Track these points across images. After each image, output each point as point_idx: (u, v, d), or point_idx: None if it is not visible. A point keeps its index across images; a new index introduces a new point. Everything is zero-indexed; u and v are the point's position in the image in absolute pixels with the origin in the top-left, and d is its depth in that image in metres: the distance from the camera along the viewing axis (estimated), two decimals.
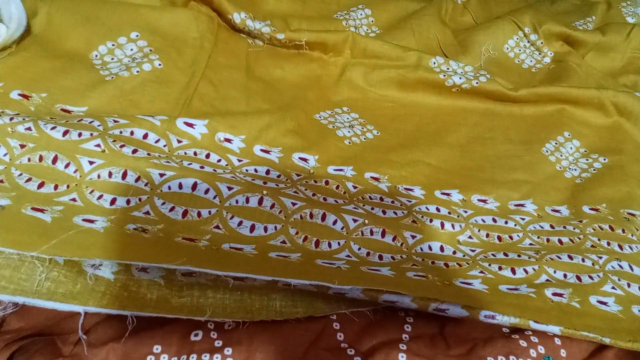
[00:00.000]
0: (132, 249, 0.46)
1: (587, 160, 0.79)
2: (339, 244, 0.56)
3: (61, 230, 0.46)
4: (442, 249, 0.59)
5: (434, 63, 0.86)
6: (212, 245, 0.50)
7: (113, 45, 0.72)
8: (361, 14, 0.99)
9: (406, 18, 1.00)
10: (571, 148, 0.80)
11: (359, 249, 0.56)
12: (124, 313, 0.45)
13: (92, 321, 0.46)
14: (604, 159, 0.78)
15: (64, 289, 0.45)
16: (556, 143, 0.79)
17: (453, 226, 0.62)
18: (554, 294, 0.53)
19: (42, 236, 0.45)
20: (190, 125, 0.62)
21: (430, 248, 0.59)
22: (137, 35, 0.74)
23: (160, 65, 0.71)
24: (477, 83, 0.84)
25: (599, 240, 0.63)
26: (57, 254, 0.43)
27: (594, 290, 0.55)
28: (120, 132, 0.57)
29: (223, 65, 0.78)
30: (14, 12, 0.65)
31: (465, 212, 0.65)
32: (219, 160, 0.61)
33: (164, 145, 0.59)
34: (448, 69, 0.86)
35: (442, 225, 0.61)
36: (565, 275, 0.56)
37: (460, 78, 0.84)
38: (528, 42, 0.99)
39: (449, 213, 0.64)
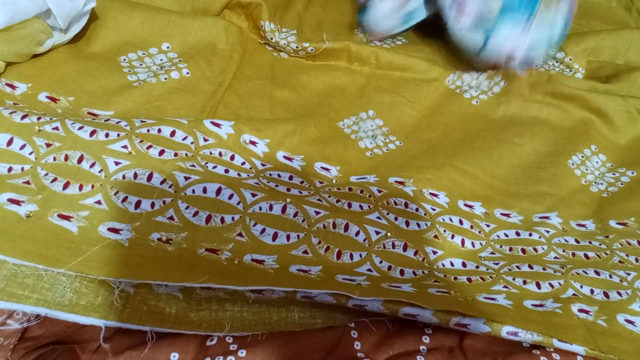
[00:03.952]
0: (156, 267, 0.47)
1: (613, 174, 0.77)
2: (360, 255, 0.56)
3: (87, 243, 0.47)
4: (464, 264, 0.59)
5: (449, 81, 0.87)
6: (234, 259, 0.51)
7: (144, 54, 0.74)
8: None
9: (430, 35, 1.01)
10: (597, 162, 0.79)
11: (381, 262, 0.56)
12: (144, 329, 0.45)
13: (110, 329, 0.46)
14: (632, 172, 0.77)
15: (85, 301, 0.45)
16: (582, 156, 0.78)
17: (473, 244, 0.61)
18: (580, 310, 0.51)
19: (68, 250, 0.46)
20: (217, 125, 0.62)
21: (452, 264, 0.58)
22: (168, 47, 0.76)
23: (188, 73, 0.72)
24: (492, 94, 0.85)
25: (627, 256, 0.62)
26: (83, 272, 0.44)
27: (622, 308, 0.53)
28: (148, 131, 0.57)
29: (249, 77, 0.79)
30: (73, 19, 0.67)
31: (488, 226, 0.65)
32: (243, 163, 0.61)
33: (191, 143, 0.59)
34: (463, 83, 0.87)
35: (463, 242, 0.61)
36: (592, 291, 0.55)
37: (475, 91, 0.84)
38: (557, 61, 0.98)
39: (471, 227, 0.63)
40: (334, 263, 0.54)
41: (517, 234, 0.64)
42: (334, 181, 0.65)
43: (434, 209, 0.64)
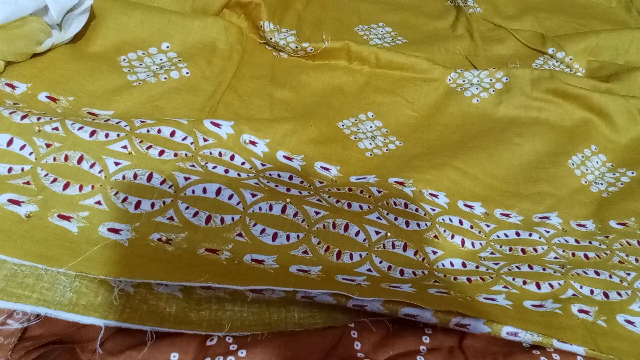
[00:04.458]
0: (156, 267, 0.47)
1: (613, 174, 0.77)
2: (360, 255, 0.56)
3: (87, 243, 0.47)
4: (464, 264, 0.59)
5: (450, 79, 0.87)
6: (234, 259, 0.51)
7: (143, 54, 0.74)
8: (382, 31, 1.00)
9: (430, 36, 1.01)
10: (597, 162, 0.79)
11: (380, 262, 0.56)
12: (144, 328, 0.45)
13: (110, 329, 0.46)
14: (632, 173, 0.77)
15: (85, 301, 0.45)
16: (582, 156, 0.78)
17: (473, 244, 0.61)
18: (580, 311, 0.51)
19: (68, 250, 0.46)
20: (217, 125, 0.62)
21: (452, 264, 0.58)
22: (167, 47, 0.76)
23: (187, 73, 0.72)
24: (493, 91, 0.85)
25: (627, 256, 0.62)
26: (83, 271, 0.44)
27: (622, 309, 0.53)
28: (148, 131, 0.57)
29: (249, 76, 0.79)
30: (73, 18, 0.67)
31: (488, 226, 0.65)
32: (243, 163, 0.61)
33: (191, 143, 0.59)
34: (464, 81, 0.87)
35: (463, 242, 0.61)
36: (592, 291, 0.55)
37: (477, 88, 0.84)
38: (557, 61, 0.98)
39: (471, 227, 0.63)
40: (334, 263, 0.54)
41: (517, 234, 0.64)
42: (334, 181, 0.65)
43: (433, 209, 0.64)
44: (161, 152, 0.56)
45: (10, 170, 0.50)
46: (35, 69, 0.63)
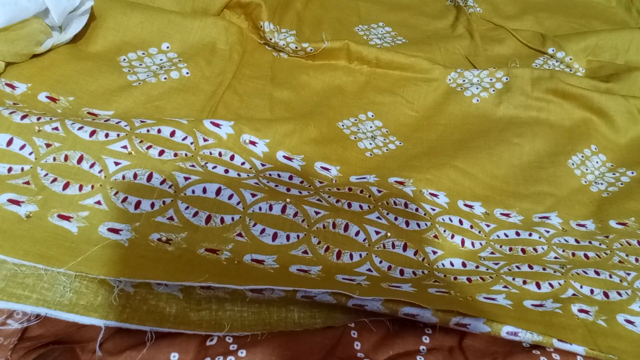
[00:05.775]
0: (156, 267, 0.47)
1: (613, 174, 0.77)
2: (360, 255, 0.56)
3: (87, 243, 0.47)
4: (464, 264, 0.59)
5: (450, 79, 0.87)
6: (234, 259, 0.51)
7: (143, 54, 0.74)
8: (382, 31, 1.00)
9: (430, 35, 1.02)
10: (597, 162, 0.79)
11: (380, 262, 0.56)
12: (144, 328, 0.45)
13: (110, 329, 0.46)
14: (632, 172, 0.77)
15: (85, 301, 0.45)
16: (582, 156, 0.78)
17: (473, 244, 0.61)
18: (580, 310, 0.51)
19: (68, 250, 0.46)
20: (217, 125, 0.62)
21: (452, 264, 0.58)
22: (167, 47, 0.76)
23: (187, 73, 0.72)
24: (493, 91, 0.85)
25: (627, 256, 0.62)
26: (83, 271, 0.44)
27: (622, 308, 0.53)
28: (148, 131, 0.57)
29: (249, 76, 0.79)
30: (73, 18, 0.67)
31: (488, 225, 0.65)
32: (243, 163, 0.61)
33: (191, 143, 0.59)
34: (464, 81, 0.87)
35: (463, 242, 0.61)
36: (592, 291, 0.55)
37: (477, 88, 0.84)
38: (557, 61, 0.98)
39: (471, 227, 0.63)
40: (334, 263, 0.54)
41: (517, 234, 0.64)
42: (333, 181, 0.65)
43: (433, 209, 0.64)
44: (161, 152, 0.56)
45: (10, 170, 0.50)
46: (35, 69, 0.63)
